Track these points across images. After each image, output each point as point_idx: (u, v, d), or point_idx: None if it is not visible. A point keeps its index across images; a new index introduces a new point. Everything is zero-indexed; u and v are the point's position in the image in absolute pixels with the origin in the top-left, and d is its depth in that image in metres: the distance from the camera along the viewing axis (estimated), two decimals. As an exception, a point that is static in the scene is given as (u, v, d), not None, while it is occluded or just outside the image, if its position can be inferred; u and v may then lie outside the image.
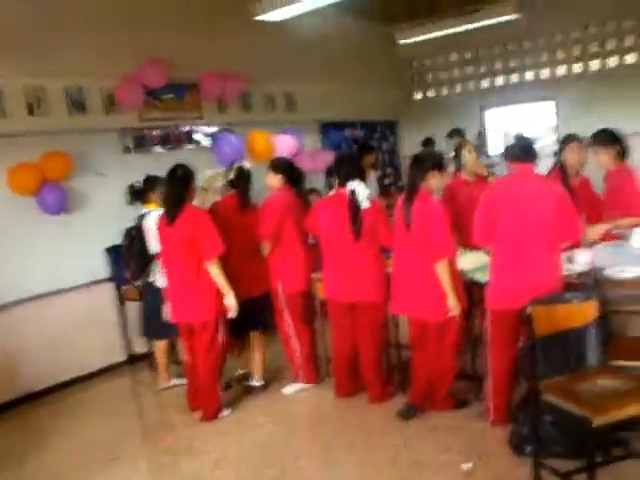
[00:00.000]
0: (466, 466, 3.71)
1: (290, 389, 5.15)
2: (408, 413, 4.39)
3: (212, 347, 4.67)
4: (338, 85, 8.83)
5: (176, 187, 4.58)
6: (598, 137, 4.79)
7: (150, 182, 5.36)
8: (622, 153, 4.70)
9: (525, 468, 3.50)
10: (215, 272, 4.52)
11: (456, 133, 8.13)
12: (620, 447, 3.58)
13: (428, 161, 4.20)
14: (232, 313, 4.61)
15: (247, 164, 5.26)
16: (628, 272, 3.85)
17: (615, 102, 8.34)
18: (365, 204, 4.43)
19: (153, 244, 5.06)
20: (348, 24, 8.97)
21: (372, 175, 7.68)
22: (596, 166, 4.85)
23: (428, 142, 8.93)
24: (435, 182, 4.19)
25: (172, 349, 5.55)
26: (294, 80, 8.22)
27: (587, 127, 5.09)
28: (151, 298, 5.28)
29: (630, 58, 8.61)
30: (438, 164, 4.21)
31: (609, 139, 4.73)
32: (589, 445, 3.15)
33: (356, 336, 4.70)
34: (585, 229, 4.15)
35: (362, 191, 4.46)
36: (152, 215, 5.12)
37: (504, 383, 4.03)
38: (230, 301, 4.57)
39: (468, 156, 5.34)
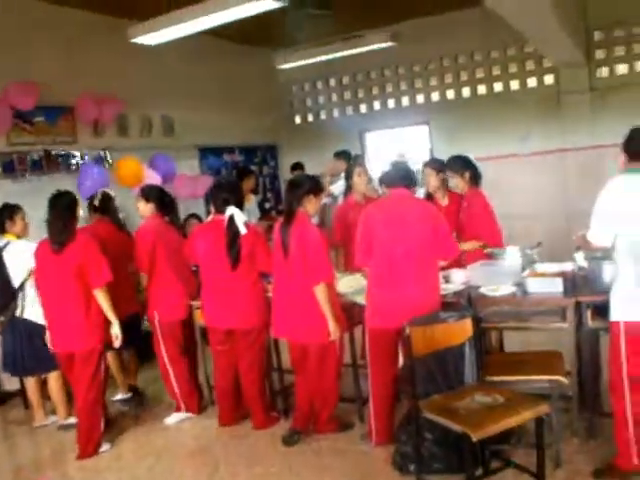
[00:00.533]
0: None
1: (172, 419, 4.99)
2: (292, 439, 4.35)
3: (96, 377, 4.50)
4: (217, 109, 8.79)
5: (62, 214, 4.41)
6: (450, 163, 5.01)
7: (7, 211, 5.06)
8: (475, 178, 4.92)
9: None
10: (103, 299, 4.38)
11: (343, 155, 8.14)
12: (497, 459, 3.69)
13: (304, 185, 4.22)
14: (117, 342, 4.49)
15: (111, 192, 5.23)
16: (501, 290, 4.00)
17: (484, 127, 8.81)
18: (242, 230, 4.39)
19: (19, 276, 4.87)
20: (228, 49, 8.98)
21: (252, 199, 7.63)
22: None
23: (297, 166, 8.94)
24: (311, 206, 4.21)
25: (44, 385, 5.25)
26: (172, 104, 8.11)
27: (457, 151, 5.28)
28: (20, 333, 4.99)
29: (497, 87, 9.09)
30: (314, 188, 4.24)
31: (461, 165, 4.94)
32: (469, 459, 3.22)
33: (237, 363, 4.63)
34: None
35: (238, 217, 4.42)
36: (15, 246, 4.92)
37: (385, 403, 4.07)
38: (115, 330, 4.45)
39: (357, 179, 5.41)
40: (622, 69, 8.46)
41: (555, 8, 5.24)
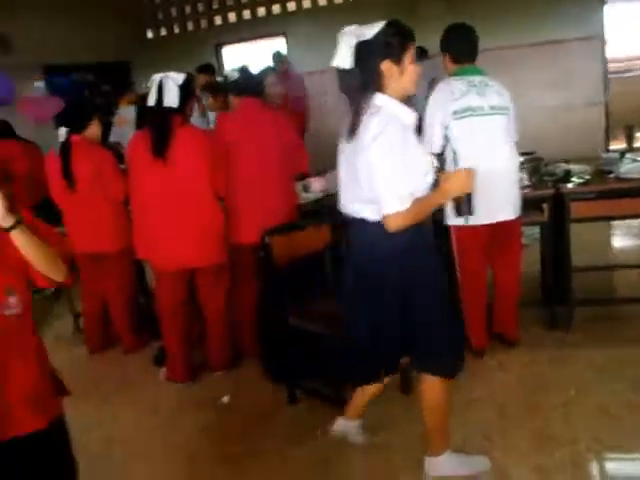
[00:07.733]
0: (225, 399, 3.77)
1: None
2: (163, 358, 4.31)
3: None
4: (61, 22, 8.19)
5: None
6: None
7: None
8: None
9: (282, 392, 3.62)
10: None
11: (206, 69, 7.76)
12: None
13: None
14: None
15: None
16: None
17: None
18: None
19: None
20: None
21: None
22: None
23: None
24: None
25: None
26: (8, 17, 7.46)
27: (315, 62, 5.21)
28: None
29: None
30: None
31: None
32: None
33: (103, 287, 4.49)
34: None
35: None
36: None
37: (251, 317, 4.00)
38: None
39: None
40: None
41: None
